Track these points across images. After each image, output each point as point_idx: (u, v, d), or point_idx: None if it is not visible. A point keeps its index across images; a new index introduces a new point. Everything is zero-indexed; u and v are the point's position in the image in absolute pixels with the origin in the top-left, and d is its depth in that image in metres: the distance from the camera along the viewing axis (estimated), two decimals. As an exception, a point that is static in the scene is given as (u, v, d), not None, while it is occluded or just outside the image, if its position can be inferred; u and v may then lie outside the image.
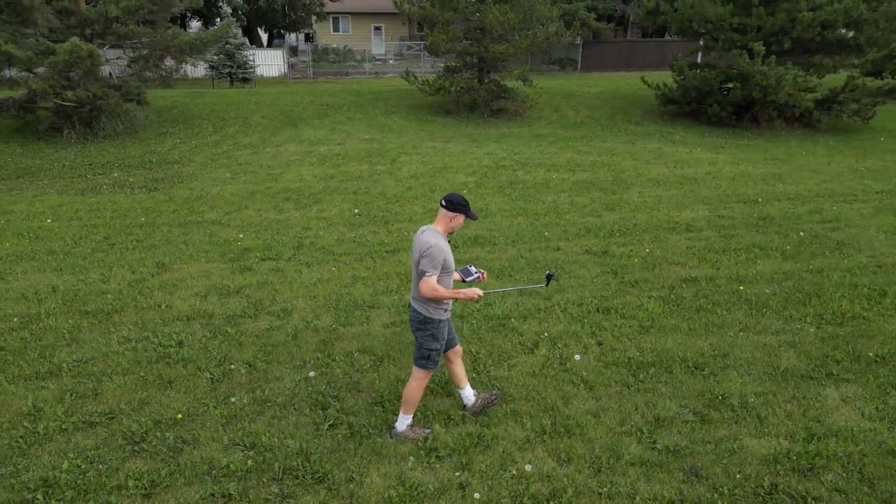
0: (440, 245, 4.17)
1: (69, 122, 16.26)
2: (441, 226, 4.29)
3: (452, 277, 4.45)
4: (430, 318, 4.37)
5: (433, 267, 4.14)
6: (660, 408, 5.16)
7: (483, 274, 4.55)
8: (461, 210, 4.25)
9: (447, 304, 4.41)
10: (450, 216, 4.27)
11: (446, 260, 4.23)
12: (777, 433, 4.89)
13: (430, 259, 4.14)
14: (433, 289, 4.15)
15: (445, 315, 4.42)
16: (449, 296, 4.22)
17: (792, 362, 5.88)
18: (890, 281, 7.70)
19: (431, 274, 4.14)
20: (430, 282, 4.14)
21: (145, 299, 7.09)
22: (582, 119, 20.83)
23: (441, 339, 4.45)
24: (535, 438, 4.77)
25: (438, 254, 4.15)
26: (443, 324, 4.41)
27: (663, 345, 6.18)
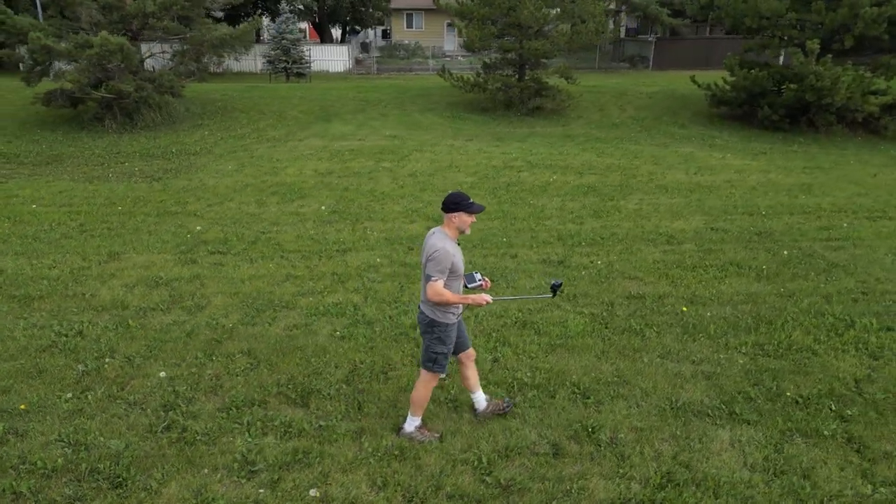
0: (447, 249, 4.07)
1: (110, 113, 17.11)
2: (448, 228, 4.20)
3: (461, 282, 4.35)
4: (437, 322, 4.29)
5: (439, 271, 4.05)
6: (516, 437, 4.77)
7: (486, 282, 4.44)
8: (458, 208, 4.12)
9: (456, 308, 4.32)
10: (450, 217, 4.16)
11: (454, 264, 4.13)
12: (632, 476, 4.39)
13: (435, 263, 4.05)
14: (438, 293, 4.07)
15: (454, 319, 4.33)
16: (455, 301, 4.16)
17: (695, 396, 5.30)
18: (867, 311, 6.85)
19: (437, 278, 4.05)
20: (436, 286, 4.07)
21: (76, 287, 7.28)
22: (624, 120, 19.95)
23: (449, 343, 4.35)
24: (364, 460, 4.51)
25: (445, 258, 4.05)
26: (450, 327, 4.33)
27: (562, 366, 5.73)
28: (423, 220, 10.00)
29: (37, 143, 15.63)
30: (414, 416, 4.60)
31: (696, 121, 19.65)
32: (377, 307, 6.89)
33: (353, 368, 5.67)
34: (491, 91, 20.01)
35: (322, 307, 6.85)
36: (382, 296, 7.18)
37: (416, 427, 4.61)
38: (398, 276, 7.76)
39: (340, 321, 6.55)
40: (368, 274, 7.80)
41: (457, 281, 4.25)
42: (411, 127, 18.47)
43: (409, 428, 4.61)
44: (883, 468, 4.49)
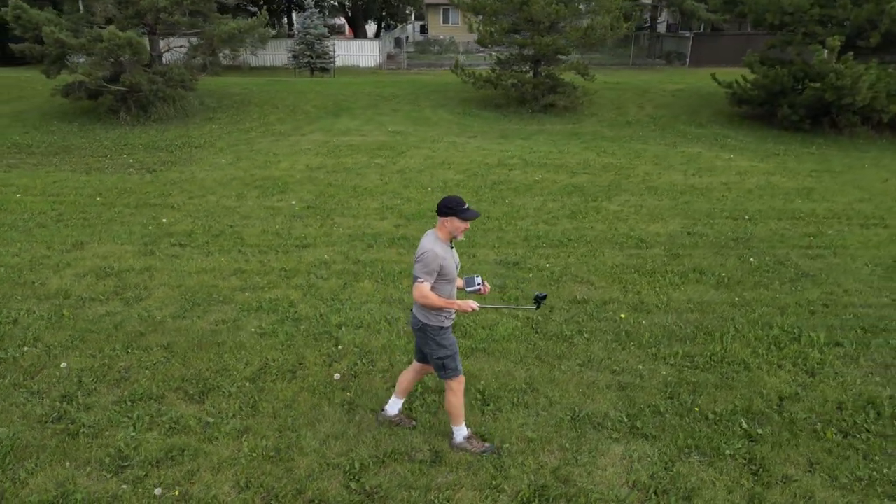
0: (435, 251, 4.01)
1: (125, 106, 17.57)
2: (440, 231, 4.13)
3: (454, 286, 4.26)
4: (429, 326, 4.22)
5: (426, 273, 4.00)
6: (398, 441, 4.67)
7: (484, 287, 4.30)
8: (451, 213, 4.03)
9: (448, 312, 4.23)
10: (442, 221, 4.09)
11: (443, 267, 4.05)
12: (504, 488, 4.25)
13: (422, 265, 4.00)
14: (424, 296, 4.03)
15: (447, 323, 4.26)
16: (441, 305, 4.08)
17: (601, 408, 5.10)
18: (820, 324, 6.49)
19: (423, 280, 4.00)
20: (422, 288, 4.01)
21: (29, 275, 7.47)
22: (640, 118, 19.46)
23: (448, 345, 4.26)
24: (238, 460, 4.48)
25: (432, 260, 3.99)
26: (445, 331, 4.25)
27: (474, 371, 5.60)
28: (395, 217, 9.94)
29: (51, 134, 16.15)
30: (457, 426, 4.51)
31: (715, 120, 19.02)
32: (312, 304, 6.86)
33: (263, 366, 5.66)
34: (503, 87, 19.76)
35: (257, 303, 6.86)
36: (322, 293, 7.15)
37: (465, 437, 4.52)
38: (346, 273, 7.72)
39: (269, 317, 6.55)
40: (317, 270, 7.78)
41: (448, 285, 4.17)
42: (419, 123, 18.40)
43: (458, 439, 4.52)
44: (775, 493, 4.23)
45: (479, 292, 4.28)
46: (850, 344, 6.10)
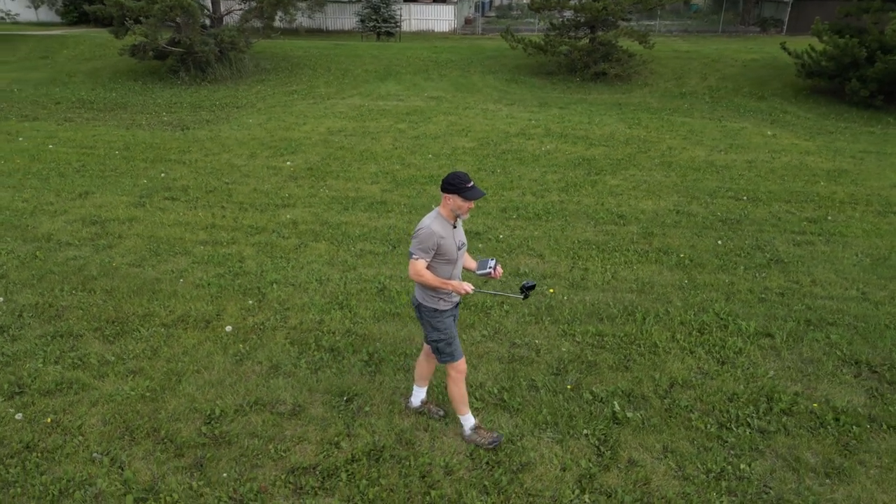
0: (432, 229, 3.85)
1: (185, 66, 18.51)
2: (443, 209, 3.94)
3: (457, 267, 4.08)
4: (424, 306, 4.09)
5: (421, 250, 3.86)
6: (269, 393, 4.93)
7: (498, 270, 4.09)
8: (453, 190, 3.83)
9: (447, 295, 4.06)
10: (444, 198, 3.90)
11: (441, 246, 3.88)
12: (342, 445, 4.42)
13: (418, 241, 3.87)
14: (417, 273, 3.89)
15: (444, 306, 4.07)
16: (434, 285, 3.92)
17: (478, 378, 5.15)
18: (763, 314, 6.17)
19: (418, 257, 3.87)
20: (416, 265, 3.88)
21: (28, 219, 8.23)
22: (697, 89, 18.49)
23: (443, 331, 4.09)
24: (115, 398, 4.88)
25: (427, 237, 3.84)
26: (440, 314, 4.08)
27: (372, 334, 5.75)
28: (386, 182, 10.09)
29: (113, 91, 17.32)
30: (463, 415, 4.38)
31: (781, 93, 17.77)
32: (259, 261, 7.18)
33: (184, 315, 6.03)
34: (554, 54, 19.25)
35: (210, 256, 7.26)
36: (275, 251, 7.46)
37: (472, 428, 4.39)
38: (308, 233, 7.99)
39: (214, 270, 6.92)
40: (282, 230, 8.09)
41: (447, 265, 3.98)
42: (462, 89, 18.31)
43: (467, 432, 4.39)
44: (610, 475, 4.17)
45: (489, 276, 4.06)
46: (782, 336, 5.76)
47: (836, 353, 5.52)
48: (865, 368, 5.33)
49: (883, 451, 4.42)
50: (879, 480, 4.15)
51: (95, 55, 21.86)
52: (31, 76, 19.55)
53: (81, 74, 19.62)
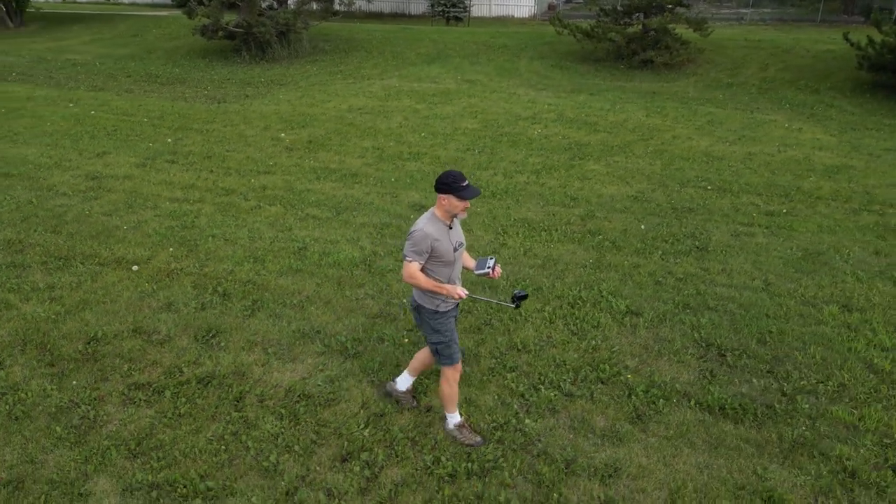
0: (426, 231, 3.77)
1: (246, 46, 19.87)
2: (438, 209, 3.85)
3: (455, 268, 4.01)
4: (422, 307, 4.03)
5: (415, 252, 3.78)
6: (161, 328, 5.70)
7: (496, 271, 4.02)
8: (446, 190, 3.73)
9: (445, 297, 3.97)
10: (439, 198, 3.79)
11: (435, 248, 3.79)
12: (172, 367, 5.11)
13: (411, 243, 3.79)
14: (411, 275, 3.82)
15: (444, 307, 4.00)
16: (427, 287, 3.85)
17: (334, 328, 5.69)
18: (647, 296, 6.29)
19: (411, 259, 3.79)
20: (409, 268, 3.80)
21: (43, 172, 9.49)
22: (748, 80, 17.77)
23: (444, 333, 4.02)
24: (14, 316, 5.81)
25: (421, 240, 3.76)
26: (440, 315, 4.00)
27: (260, 282, 6.40)
28: (372, 157, 10.68)
29: (179, 68, 18.91)
30: (449, 412, 4.35)
31: (839, 87, 16.75)
32: (212, 217, 8.01)
33: (120, 257, 6.94)
34: (599, 40, 19.05)
35: (172, 211, 8.17)
36: (232, 210, 8.26)
37: (456, 425, 4.36)
38: (268, 198, 8.74)
39: (169, 223, 7.81)
40: (249, 192, 8.90)
41: (444, 267, 3.91)
42: (503, 73, 18.53)
43: (450, 426, 4.38)
44: (401, 418, 4.62)
45: (487, 276, 3.99)
46: (649, 316, 5.88)
47: (693, 336, 5.60)
48: (714, 351, 5.40)
49: (674, 423, 4.57)
50: (650, 447, 4.34)
51: (179, 35, 23.72)
52: (118, 52, 21.59)
53: (160, 52, 21.45)
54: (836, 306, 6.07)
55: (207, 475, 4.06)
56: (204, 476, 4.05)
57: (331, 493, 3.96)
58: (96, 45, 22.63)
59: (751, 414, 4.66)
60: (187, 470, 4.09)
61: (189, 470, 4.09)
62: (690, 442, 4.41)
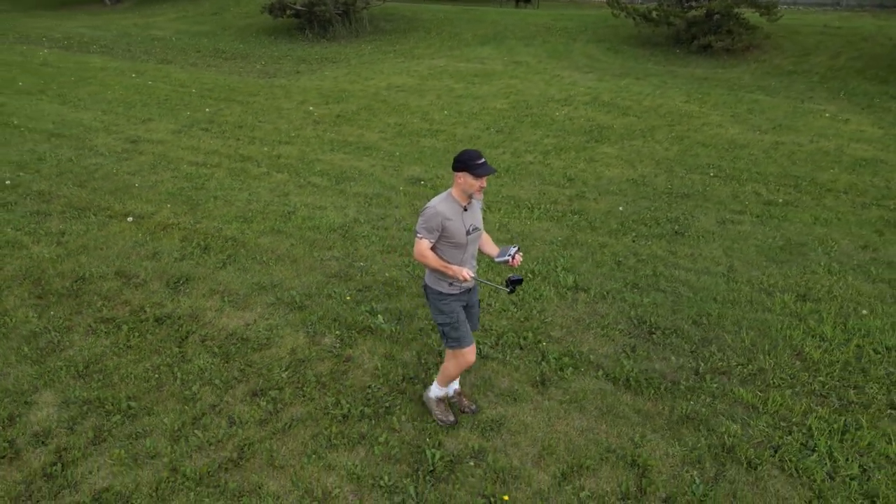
0: (437, 209, 3.73)
1: (310, 25, 20.71)
2: (454, 189, 3.81)
3: (467, 252, 3.94)
4: (429, 287, 4.00)
5: (425, 230, 3.75)
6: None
7: (517, 259, 3.94)
8: (461, 167, 3.69)
9: (454, 280, 3.91)
10: (455, 177, 3.75)
11: (446, 228, 3.76)
12: (134, 304, 5.75)
13: (422, 220, 3.76)
14: (420, 253, 3.80)
15: (450, 290, 3.95)
16: (435, 266, 3.82)
17: (292, 284, 6.17)
18: (601, 274, 6.43)
19: (421, 236, 3.77)
20: (419, 245, 3.78)
21: (91, 135, 10.49)
22: (813, 68, 16.93)
23: (449, 314, 3.96)
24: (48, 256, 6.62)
25: (432, 217, 3.72)
26: (446, 297, 3.96)
27: (241, 239, 6.96)
28: (392, 132, 11.10)
29: (245, 44, 19.96)
30: (438, 385, 4.35)
31: (913, 78, 15.72)
32: (222, 181, 8.66)
33: (128, 211, 7.68)
34: (658, 24, 18.59)
35: (189, 173, 8.89)
36: (242, 175, 8.90)
37: (437, 397, 4.38)
38: (279, 165, 9.33)
39: (182, 183, 8.53)
40: (262, 159, 9.51)
41: (454, 249, 3.86)
42: (554, 55, 18.47)
43: (430, 394, 4.40)
44: (321, 365, 5.04)
45: (507, 263, 3.92)
46: (593, 292, 6.02)
47: (629, 313, 5.70)
48: (644, 329, 5.49)
49: (573, 389, 4.76)
50: (541, 408, 4.56)
51: (253, 14, 24.84)
52: (195, 28, 22.95)
53: (233, 29, 22.63)
54: (792, 295, 5.98)
55: (134, 397, 4.62)
56: (131, 398, 4.61)
57: (232, 421, 4.43)
58: (178, 22, 24.10)
59: (653, 388, 4.76)
60: (118, 391, 4.67)
61: (120, 392, 4.66)
62: (582, 407, 4.58)
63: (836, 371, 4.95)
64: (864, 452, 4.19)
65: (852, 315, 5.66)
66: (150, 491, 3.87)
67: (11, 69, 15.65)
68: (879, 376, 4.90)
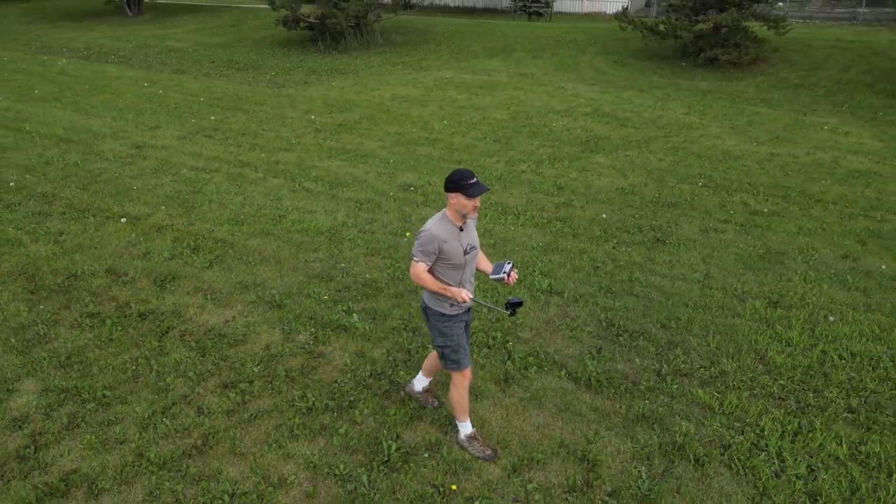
0: (433, 232, 3.70)
1: (322, 37, 21.12)
2: (449, 210, 3.76)
3: (465, 272, 3.90)
4: (430, 308, 3.96)
5: (422, 253, 3.72)
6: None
7: (512, 276, 3.88)
8: (454, 188, 3.64)
9: (455, 301, 3.85)
10: (449, 198, 3.71)
11: (443, 251, 3.72)
12: (121, 301, 5.98)
13: (418, 244, 3.73)
14: (417, 276, 3.76)
15: (452, 311, 3.91)
16: (434, 289, 3.78)
17: (270, 283, 6.37)
18: (577, 279, 6.55)
19: (418, 260, 3.73)
20: (416, 268, 3.74)
21: (97, 141, 10.84)
22: (820, 81, 16.92)
23: (451, 337, 3.93)
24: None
25: (428, 241, 3.69)
26: (448, 319, 3.92)
27: (231, 240, 7.19)
28: (390, 141, 11.31)
29: (258, 55, 20.40)
30: (461, 421, 4.24)
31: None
32: (219, 185, 8.92)
33: (125, 212, 7.95)
34: (665, 38, 18.70)
35: (188, 178, 9.16)
36: (239, 180, 9.15)
37: (467, 436, 4.25)
38: (276, 171, 9.57)
39: (181, 187, 8.79)
40: (260, 165, 9.77)
41: (453, 270, 3.83)
42: (561, 68, 18.64)
43: (461, 436, 4.27)
44: (293, 360, 5.22)
45: (502, 281, 3.86)
46: (567, 296, 6.14)
47: (600, 316, 5.81)
48: (612, 331, 5.60)
49: (535, 388, 4.88)
50: (501, 405, 4.68)
51: (269, 26, 25.31)
52: (213, 40, 23.48)
53: (249, 41, 23.12)
54: (764, 302, 6.04)
55: (110, 387, 4.82)
56: (106, 387, 4.81)
57: (201, 411, 4.61)
58: (197, 34, 24.67)
59: (613, 388, 4.86)
60: (96, 381, 4.88)
61: (97, 382, 4.87)
62: (541, 404, 4.70)
63: (798, 375, 5.01)
64: (814, 453, 4.25)
65: (821, 322, 5.71)
66: (114, 474, 4.05)
67: (31, 77, 16.18)
68: (840, 381, 4.95)
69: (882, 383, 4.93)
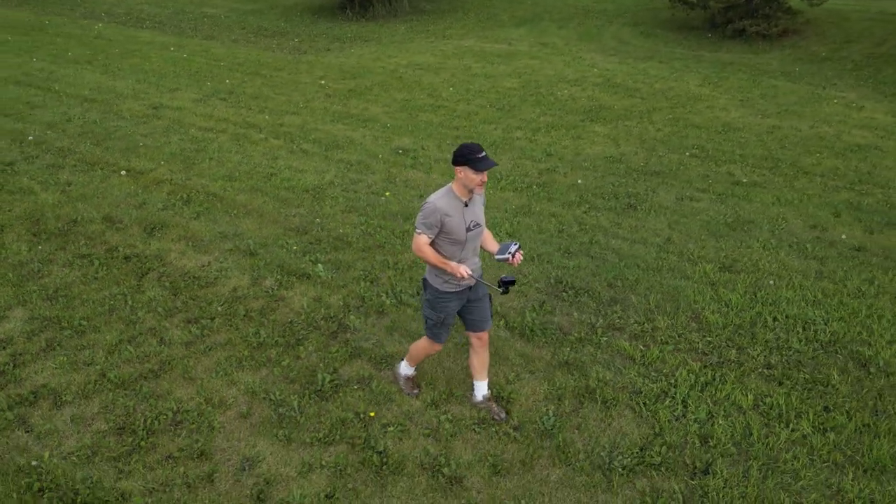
0: (436, 205, 3.70)
1: (350, 4, 21.41)
2: (455, 184, 3.77)
3: (466, 249, 3.88)
4: (428, 283, 3.99)
5: (424, 225, 3.72)
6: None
7: (517, 257, 3.81)
8: (462, 161, 3.63)
9: (452, 276, 3.86)
10: (456, 171, 3.69)
11: (445, 224, 3.71)
12: (112, 245, 6.53)
13: (421, 216, 3.74)
14: (418, 248, 3.78)
15: (448, 288, 3.92)
16: (433, 262, 3.80)
17: (259, 237, 6.84)
18: (538, 240, 6.83)
19: (420, 232, 3.74)
20: (417, 240, 3.76)
21: (117, 101, 11.44)
22: (850, 55, 16.46)
23: (441, 313, 3.99)
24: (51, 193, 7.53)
25: (430, 213, 3.69)
26: (443, 295, 3.94)
27: (221, 195, 7.68)
28: (395, 107, 11.61)
29: (287, 22, 20.81)
30: (407, 364, 4.53)
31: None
32: (222, 145, 9.40)
33: (132, 167, 8.51)
34: (693, 7, 18.38)
35: (196, 136, 9.67)
36: (242, 140, 9.62)
37: (405, 375, 4.57)
38: (278, 133, 10.00)
39: (188, 145, 9.30)
40: (264, 127, 10.22)
41: (453, 246, 3.81)
42: (582, 38, 18.53)
43: (400, 370, 4.59)
44: (271, 354, 5.69)
45: (506, 261, 3.82)
46: (526, 254, 6.41)
47: (551, 274, 6.09)
48: (559, 288, 5.88)
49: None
50: (442, 364, 5.03)
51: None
52: (246, 6, 23.96)
53: (280, 8, 23.53)
54: (715, 266, 6.22)
55: (87, 318, 5.36)
56: (84, 318, 5.35)
57: (163, 341, 5.11)
58: (232, 1, 25.19)
59: (545, 338, 5.17)
60: (76, 313, 5.42)
61: (77, 313, 5.42)
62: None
63: (727, 333, 5.23)
64: (719, 402, 4.50)
65: (766, 286, 5.86)
66: (77, 389, 4.58)
67: (69, 41, 16.95)
68: (767, 339, 5.15)
69: (808, 344, 5.11)
